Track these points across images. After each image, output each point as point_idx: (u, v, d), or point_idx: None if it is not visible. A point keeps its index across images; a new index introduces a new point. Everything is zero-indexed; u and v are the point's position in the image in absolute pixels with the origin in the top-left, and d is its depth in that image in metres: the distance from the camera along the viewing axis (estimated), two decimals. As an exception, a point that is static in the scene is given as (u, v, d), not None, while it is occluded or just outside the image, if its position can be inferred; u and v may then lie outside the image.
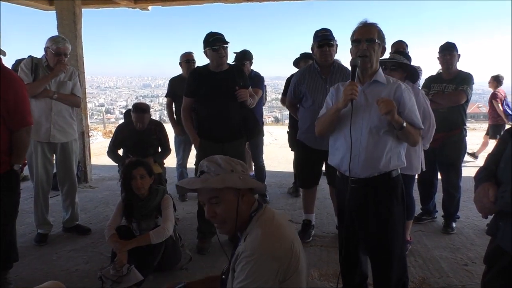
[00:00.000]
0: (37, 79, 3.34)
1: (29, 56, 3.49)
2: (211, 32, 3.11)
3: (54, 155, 3.57)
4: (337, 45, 3.24)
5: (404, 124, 1.92)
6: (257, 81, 4.47)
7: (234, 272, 1.39)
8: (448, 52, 3.51)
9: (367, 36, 1.95)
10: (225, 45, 3.06)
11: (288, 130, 4.91)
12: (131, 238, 2.75)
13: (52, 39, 3.38)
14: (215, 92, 3.10)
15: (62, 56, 3.37)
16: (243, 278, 1.31)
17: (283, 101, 3.59)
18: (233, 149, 3.07)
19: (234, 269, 1.39)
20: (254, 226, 1.43)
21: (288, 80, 5.18)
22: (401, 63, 2.81)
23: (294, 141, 5.18)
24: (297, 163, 3.55)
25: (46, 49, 3.39)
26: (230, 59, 4.20)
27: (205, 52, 3.12)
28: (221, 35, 3.07)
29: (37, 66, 3.38)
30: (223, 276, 1.52)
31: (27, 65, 3.36)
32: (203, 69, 3.22)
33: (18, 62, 3.57)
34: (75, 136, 3.66)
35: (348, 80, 2.02)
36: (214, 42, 3.03)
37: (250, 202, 1.48)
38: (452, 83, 3.52)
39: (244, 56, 4.49)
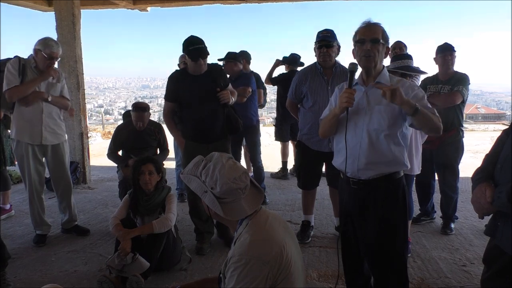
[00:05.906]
0: (25, 81, 3.23)
1: (15, 56, 3.36)
2: (191, 39, 2.99)
3: (44, 157, 3.51)
4: (339, 46, 3.22)
5: (419, 107, 1.80)
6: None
7: (225, 278, 1.38)
8: (449, 52, 3.52)
9: (371, 36, 1.89)
10: (204, 59, 3.00)
11: (275, 124, 5.56)
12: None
13: (44, 42, 3.26)
14: (196, 96, 3.08)
15: (54, 60, 3.32)
16: (233, 285, 1.31)
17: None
18: (218, 150, 3.08)
19: (225, 275, 1.38)
20: (244, 230, 1.42)
21: (275, 79, 5.32)
22: (413, 70, 2.93)
23: (280, 133, 5.54)
24: (298, 164, 3.54)
25: (36, 51, 3.27)
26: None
27: (183, 56, 3.09)
28: (202, 45, 2.96)
29: (25, 67, 3.27)
30: (221, 275, 1.52)
31: (14, 66, 3.23)
32: (182, 73, 3.18)
33: (3, 62, 3.44)
34: (65, 137, 3.62)
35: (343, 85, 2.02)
36: (194, 55, 2.95)
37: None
38: (448, 84, 3.53)
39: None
